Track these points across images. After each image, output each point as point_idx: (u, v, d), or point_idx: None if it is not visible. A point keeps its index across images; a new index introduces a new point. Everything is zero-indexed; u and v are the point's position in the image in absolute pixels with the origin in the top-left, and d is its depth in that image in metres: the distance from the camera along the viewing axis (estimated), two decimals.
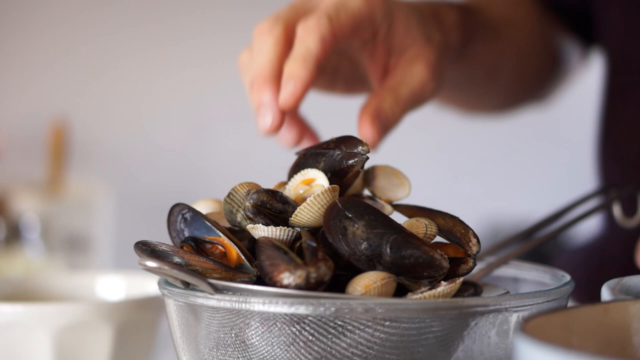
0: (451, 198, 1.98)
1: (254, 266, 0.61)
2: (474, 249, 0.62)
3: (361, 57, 0.76)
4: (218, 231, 0.63)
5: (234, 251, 0.63)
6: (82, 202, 1.96)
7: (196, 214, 0.65)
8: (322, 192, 0.61)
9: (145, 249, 0.62)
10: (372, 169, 0.68)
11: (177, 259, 0.61)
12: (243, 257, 0.62)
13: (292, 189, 0.65)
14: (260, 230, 0.62)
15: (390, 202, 0.67)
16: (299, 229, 0.62)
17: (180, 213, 0.65)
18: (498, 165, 2.24)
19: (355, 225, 0.59)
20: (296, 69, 0.69)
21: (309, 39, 0.69)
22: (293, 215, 0.62)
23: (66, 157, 1.99)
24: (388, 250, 0.58)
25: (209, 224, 0.64)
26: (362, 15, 0.71)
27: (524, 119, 1.58)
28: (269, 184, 0.67)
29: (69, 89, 2.23)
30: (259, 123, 0.72)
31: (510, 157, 2.23)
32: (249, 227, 0.62)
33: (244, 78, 0.74)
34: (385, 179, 0.67)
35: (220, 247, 0.63)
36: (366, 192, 0.68)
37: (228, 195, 0.64)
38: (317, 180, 0.64)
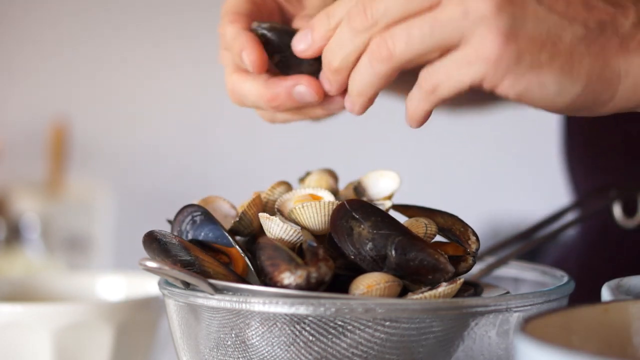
0: (451, 198, 1.98)
1: (261, 279, 0.61)
2: (473, 246, 0.63)
3: None
4: (232, 241, 0.63)
5: (241, 263, 0.63)
6: (82, 202, 1.96)
7: (209, 219, 0.64)
8: (331, 202, 0.62)
9: (154, 246, 0.62)
10: (359, 182, 0.68)
11: (187, 257, 0.61)
12: (252, 268, 0.62)
13: (294, 196, 0.65)
14: (273, 223, 0.62)
15: (388, 198, 0.67)
16: (299, 228, 0.62)
17: (190, 214, 0.65)
18: (498, 165, 2.24)
19: (362, 226, 0.60)
20: None
21: None
22: (298, 208, 0.62)
23: (66, 157, 1.99)
24: (393, 251, 0.58)
25: (225, 233, 0.63)
26: None
27: (524, 119, 1.58)
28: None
29: (69, 89, 2.23)
30: None
31: (511, 157, 2.23)
32: (262, 215, 0.62)
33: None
34: (373, 183, 0.68)
35: (225, 256, 0.63)
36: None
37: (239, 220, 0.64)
38: (324, 199, 0.65)
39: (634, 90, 0.61)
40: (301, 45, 0.66)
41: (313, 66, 0.67)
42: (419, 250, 0.59)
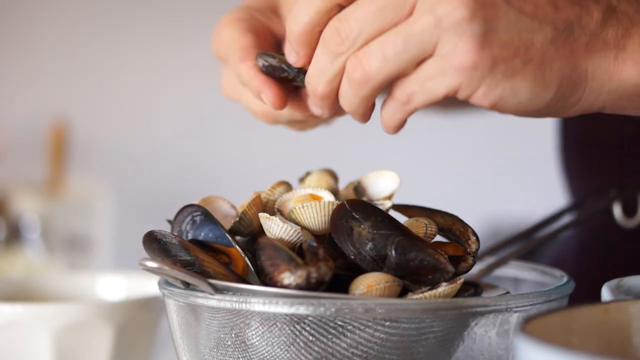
0: (451, 198, 1.98)
1: (261, 279, 0.61)
2: (473, 246, 0.63)
3: None
4: (232, 241, 0.63)
5: (241, 263, 0.63)
6: (82, 202, 1.96)
7: (209, 219, 0.64)
8: (331, 202, 0.62)
9: (154, 246, 0.62)
10: (359, 182, 0.68)
11: (187, 257, 0.61)
12: (252, 268, 0.62)
13: (294, 196, 0.65)
14: (273, 223, 0.62)
15: (389, 198, 0.67)
16: (299, 228, 0.62)
17: (190, 214, 0.65)
18: (498, 166, 2.24)
19: (362, 226, 0.60)
20: None
21: None
22: (298, 208, 0.62)
23: (66, 157, 1.99)
24: (393, 251, 0.58)
25: (225, 233, 0.63)
26: None
27: (524, 119, 1.58)
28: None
29: (69, 89, 2.23)
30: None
31: (510, 157, 2.23)
32: (262, 215, 0.62)
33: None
34: (373, 183, 0.68)
35: (225, 256, 0.63)
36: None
37: (239, 220, 0.64)
38: (324, 199, 0.65)
39: (599, 92, 0.61)
40: (291, 58, 0.65)
41: None
42: (419, 250, 0.59)
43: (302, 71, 0.66)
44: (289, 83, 0.67)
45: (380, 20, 0.59)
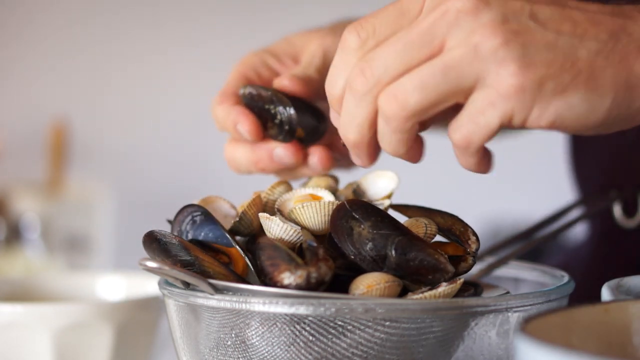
0: (451, 198, 1.98)
1: (261, 279, 0.61)
2: (473, 246, 0.63)
3: None
4: (232, 241, 0.63)
5: (241, 263, 0.63)
6: (82, 202, 1.96)
7: (209, 219, 0.64)
8: (331, 202, 0.62)
9: (154, 246, 0.62)
10: (357, 185, 0.68)
11: (187, 257, 0.61)
12: (252, 268, 0.62)
13: (294, 196, 0.65)
14: (273, 223, 0.62)
15: (387, 198, 0.67)
16: (299, 228, 0.62)
17: (190, 214, 0.65)
18: (498, 166, 2.24)
19: (362, 226, 0.60)
20: None
21: None
22: (298, 208, 0.62)
23: (66, 157, 1.99)
24: (393, 251, 0.58)
25: (225, 233, 0.63)
26: None
27: None
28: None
29: (69, 89, 2.23)
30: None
31: (510, 157, 2.23)
32: (262, 215, 0.62)
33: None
34: (372, 184, 0.68)
35: (225, 256, 0.63)
36: None
37: (239, 220, 0.64)
38: (324, 199, 0.65)
39: None
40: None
41: (286, 134, 0.70)
42: (419, 250, 0.59)
43: (284, 106, 0.69)
44: (267, 122, 0.70)
45: (408, 56, 0.57)
